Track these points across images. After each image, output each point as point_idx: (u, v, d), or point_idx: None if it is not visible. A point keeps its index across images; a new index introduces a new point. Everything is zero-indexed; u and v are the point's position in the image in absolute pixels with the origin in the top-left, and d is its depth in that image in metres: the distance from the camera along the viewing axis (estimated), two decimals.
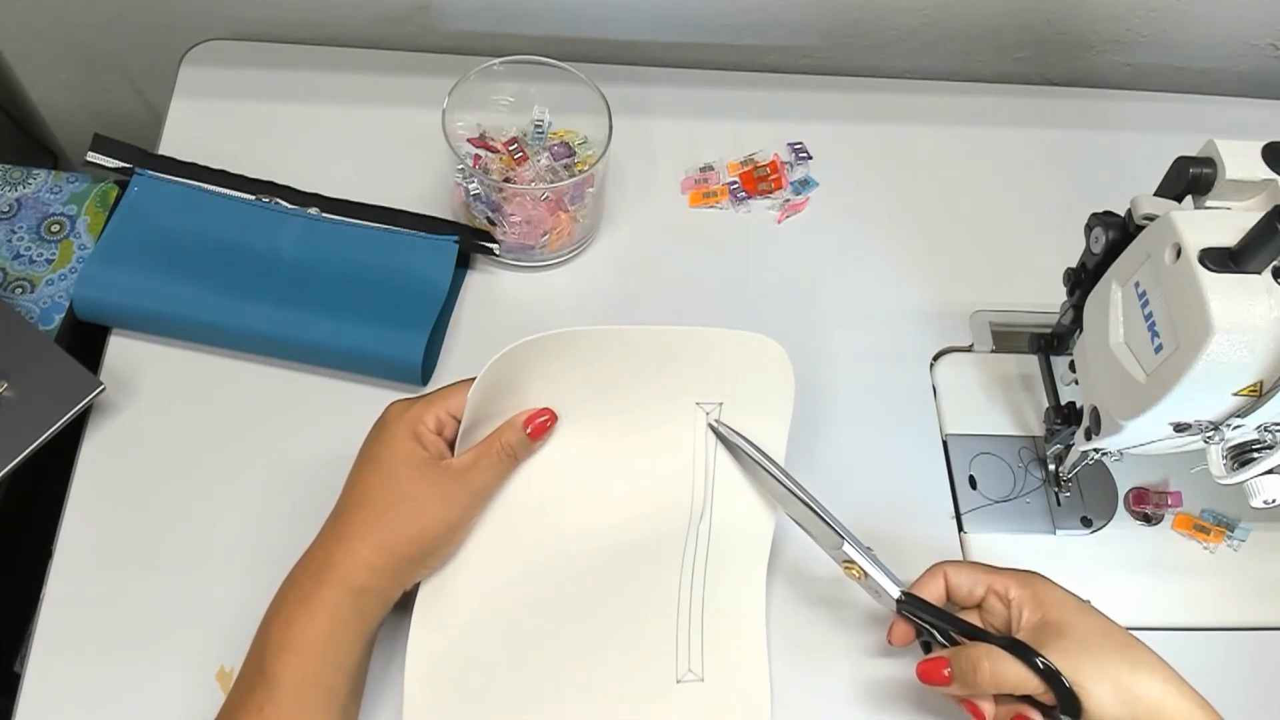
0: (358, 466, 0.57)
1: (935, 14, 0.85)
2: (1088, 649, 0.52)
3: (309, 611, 0.52)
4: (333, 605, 0.52)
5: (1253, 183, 0.55)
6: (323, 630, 0.52)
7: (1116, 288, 0.58)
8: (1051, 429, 0.67)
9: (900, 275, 0.78)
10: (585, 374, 0.59)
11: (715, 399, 0.61)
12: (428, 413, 0.56)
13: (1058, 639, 0.52)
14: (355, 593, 0.53)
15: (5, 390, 0.64)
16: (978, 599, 0.57)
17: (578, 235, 0.75)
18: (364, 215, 0.74)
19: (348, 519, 0.55)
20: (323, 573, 0.53)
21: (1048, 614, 0.54)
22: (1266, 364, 0.50)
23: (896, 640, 0.58)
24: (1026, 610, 0.54)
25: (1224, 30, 0.88)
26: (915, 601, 0.57)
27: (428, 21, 0.85)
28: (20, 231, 0.76)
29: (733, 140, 0.83)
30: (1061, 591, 0.55)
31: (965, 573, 0.57)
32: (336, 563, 0.53)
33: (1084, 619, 0.53)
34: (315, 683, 0.52)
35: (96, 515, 0.64)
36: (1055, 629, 0.53)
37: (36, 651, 0.60)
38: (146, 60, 0.92)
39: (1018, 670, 0.52)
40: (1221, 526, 0.68)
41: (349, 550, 0.54)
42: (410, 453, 0.55)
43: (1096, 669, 0.51)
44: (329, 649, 0.52)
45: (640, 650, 0.60)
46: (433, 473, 0.55)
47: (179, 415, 0.68)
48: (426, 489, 0.55)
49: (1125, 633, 0.53)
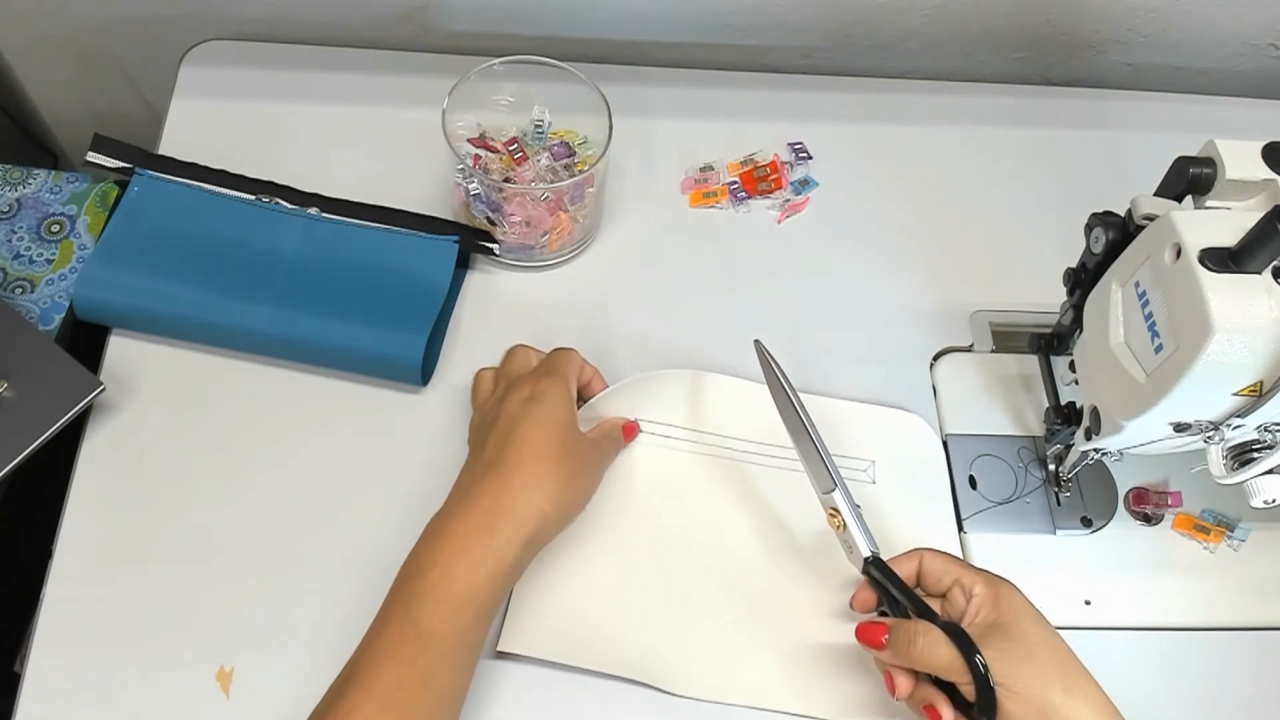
0: (521, 423, 0.58)
1: (935, 14, 0.85)
2: (1027, 659, 0.52)
3: (473, 563, 0.53)
4: (499, 555, 0.54)
5: (1253, 183, 0.55)
6: (482, 583, 0.53)
7: (1116, 288, 0.58)
8: (1051, 429, 0.67)
9: (900, 275, 0.78)
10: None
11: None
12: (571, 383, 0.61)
13: (1002, 640, 0.52)
14: (525, 542, 0.55)
15: (5, 390, 0.64)
16: (944, 588, 0.57)
17: (578, 235, 0.75)
18: (364, 215, 0.74)
19: (524, 471, 0.56)
20: (495, 521, 0.54)
21: (1002, 617, 0.54)
22: (1266, 364, 0.50)
23: (858, 605, 0.59)
24: (984, 610, 0.55)
25: (1224, 30, 0.88)
26: (880, 566, 0.58)
27: (428, 21, 0.85)
28: (20, 231, 0.76)
29: (733, 140, 0.83)
30: (1024, 601, 0.55)
31: (940, 561, 0.58)
32: (514, 510, 0.55)
33: (1037, 632, 0.53)
34: (467, 637, 0.53)
35: (96, 515, 0.64)
36: (1004, 632, 0.53)
37: (36, 651, 0.60)
38: (146, 60, 0.92)
39: (949, 654, 0.52)
40: (1221, 526, 0.68)
41: (528, 499, 0.55)
42: (573, 417, 0.60)
43: (1028, 681, 0.51)
44: (484, 602, 0.53)
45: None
46: (586, 439, 0.61)
47: (179, 415, 0.68)
48: (590, 452, 0.61)
49: (1073, 658, 0.53)
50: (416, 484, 0.65)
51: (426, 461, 0.67)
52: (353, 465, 0.67)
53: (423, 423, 0.69)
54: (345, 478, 0.66)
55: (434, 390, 0.70)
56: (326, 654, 0.59)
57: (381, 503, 0.65)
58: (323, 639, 0.61)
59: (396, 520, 0.64)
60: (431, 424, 0.69)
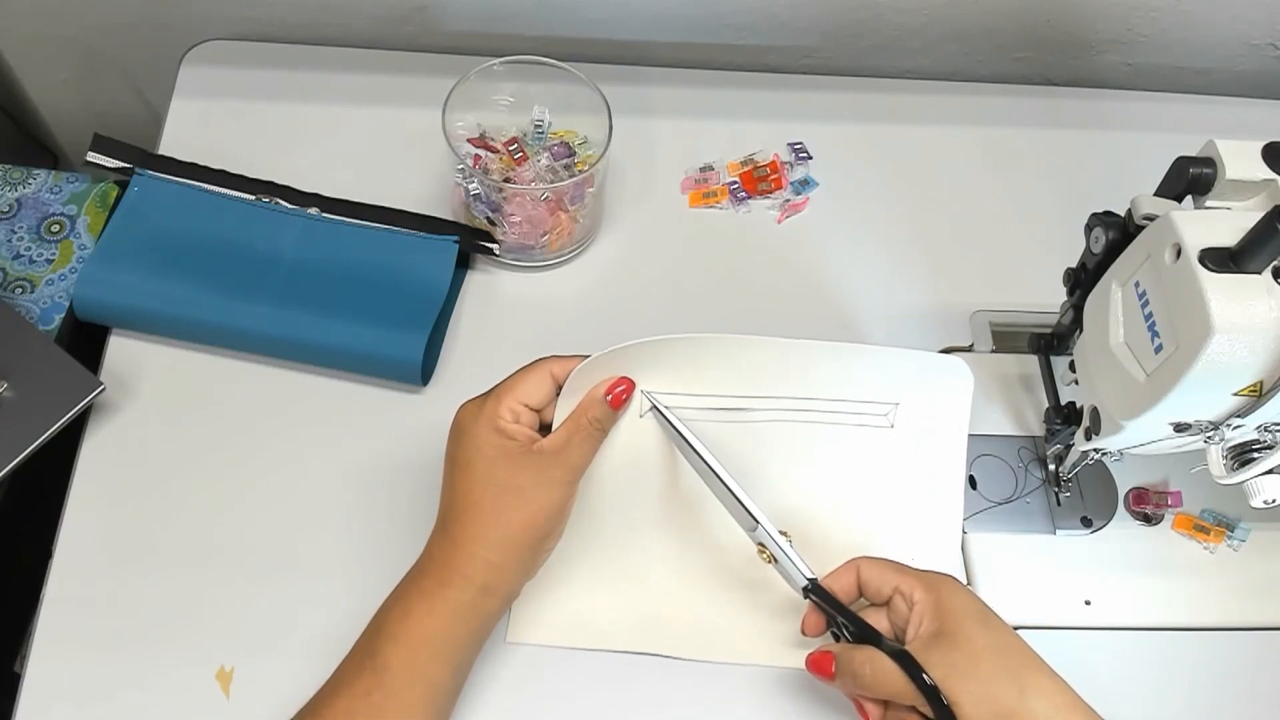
0: (451, 474, 0.57)
1: (935, 14, 0.85)
2: (975, 668, 0.50)
3: (429, 606, 0.53)
4: (454, 602, 0.53)
5: (1253, 183, 0.55)
6: (440, 625, 0.53)
7: (1116, 288, 0.58)
8: (1051, 429, 0.67)
9: (900, 275, 0.78)
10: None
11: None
12: (501, 406, 0.57)
13: (948, 651, 0.51)
14: (479, 590, 0.54)
15: (5, 390, 0.64)
16: (885, 597, 0.56)
17: (578, 235, 0.75)
18: (364, 215, 0.74)
19: (460, 524, 0.55)
20: (446, 574, 0.54)
21: (944, 624, 0.52)
22: (1266, 364, 0.50)
23: (808, 629, 0.58)
24: (926, 619, 0.53)
25: (1224, 30, 0.88)
26: (819, 591, 0.56)
27: (428, 21, 0.85)
28: (20, 231, 0.76)
29: (733, 140, 0.83)
30: (966, 600, 0.53)
31: (877, 570, 0.56)
32: (459, 565, 0.54)
33: (981, 634, 0.52)
34: (423, 675, 0.53)
35: (96, 515, 0.64)
36: (949, 641, 0.52)
37: (36, 651, 0.60)
38: (146, 60, 0.92)
39: (899, 680, 0.51)
40: (1221, 526, 0.68)
41: (470, 553, 0.54)
42: (500, 446, 0.56)
43: (980, 690, 0.50)
44: (442, 644, 0.53)
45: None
46: (529, 459, 0.56)
47: (179, 415, 0.68)
48: (528, 476, 0.55)
49: (1024, 652, 0.52)
50: (416, 484, 0.65)
51: (426, 462, 0.66)
52: (353, 465, 0.67)
53: (423, 423, 0.69)
54: (345, 478, 0.66)
55: (434, 390, 0.70)
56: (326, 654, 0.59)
57: (381, 502, 0.65)
58: (323, 639, 0.61)
59: (396, 520, 0.64)
60: (431, 424, 0.68)
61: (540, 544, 0.56)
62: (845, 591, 0.57)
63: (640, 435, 0.61)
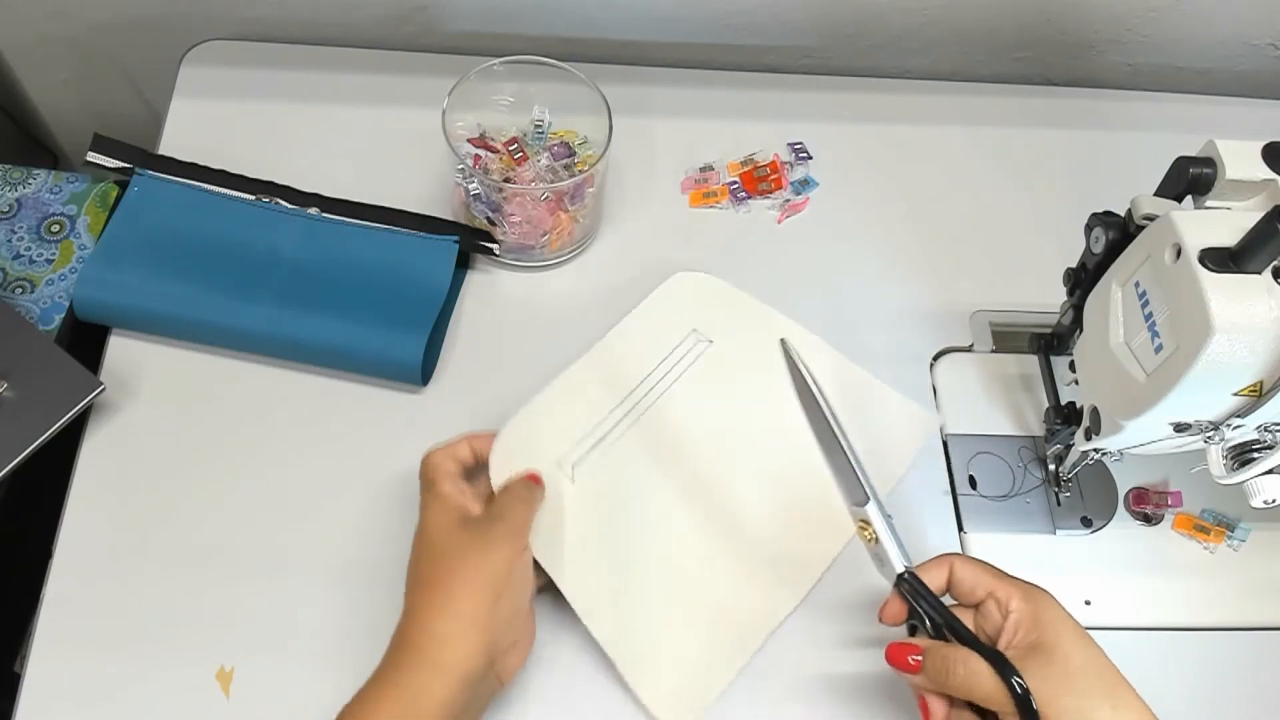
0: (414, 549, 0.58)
1: (935, 14, 0.85)
2: (1072, 683, 0.50)
3: (378, 694, 0.52)
4: (404, 686, 0.52)
5: (1253, 183, 0.55)
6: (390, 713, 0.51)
7: (1116, 288, 0.58)
8: (1051, 429, 0.67)
9: (900, 275, 0.78)
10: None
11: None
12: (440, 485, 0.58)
13: (1045, 664, 0.50)
14: (430, 668, 0.52)
15: (5, 390, 0.64)
16: (978, 599, 0.55)
17: (578, 235, 0.75)
18: (364, 215, 0.74)
19: (412, 598, 0.55)
20: (400, 654, 0.53)
21: (1043, 636, 0.52)
22: (1266, 364, 0.50)
23: (887, 618, 0.56)
24: (1023, 629, 0.52)
25: (1224, 30, 0.88)
26: (915, 582, 0.55)
27: (428, 21, 0.85)
28: (20, 231, 0.76)
29: (733, 140, 0.83)
30: (1064, 615, 0.52)
31: (971, 570, 0.55)
32: (411, 640, 0.54)
33: (1079, 651, 0.51)
34: None
35: (96, 515, 0.64)
36: (1045, 653, 0.51)
37: (36, 651, 0.60)
38: (146, 60, 0.92)
39: (992, 683, 0.50)
40: (1221, 526, 0.68)
41: (420, 627, 0.54)
42: (443, 519, 0.57)
43: (1074, 705, 0.49)
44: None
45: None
46: (468, 524, 0.57)
47: (179, 415, 0.68)
48: (466, 539, 0.56)
49: (1115, 672, 0.51)
50: (416, 484, 0.65)
51: None
52: (353, 465, 0.67)
53: (423, 423, 0.69)
54: (345, 478, 0.66)
55: (434, 390, 0.70)
56: (326, 654, 0.59)
57: (381, 503, 0.65)
58: (323, 639, 0.61)
59: (396, 520, 0.64)
60: (431, 424, 0.69)
61: (491, 610, 0.54)
62: (935, 588, 0.55)
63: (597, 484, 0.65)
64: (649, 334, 0.71)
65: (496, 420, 0.63)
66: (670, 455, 0.66)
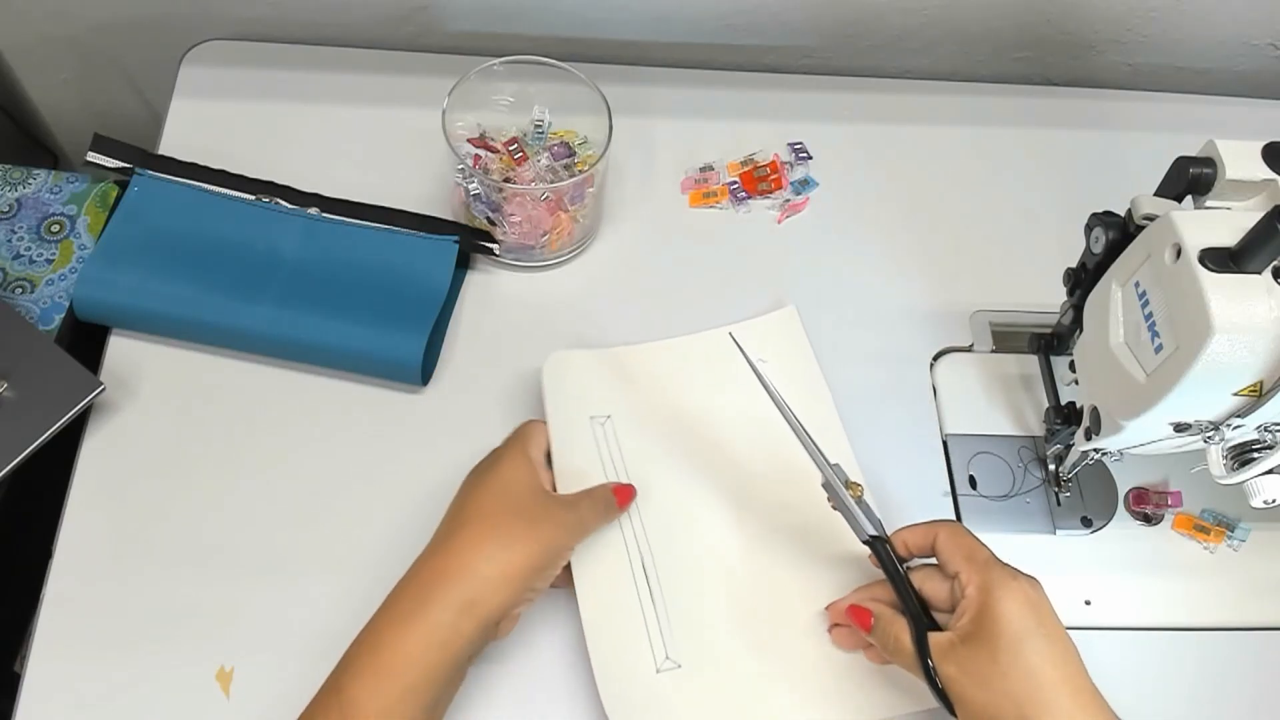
0: (469, 486, 0.58)
1: (935, 14, 0.85)
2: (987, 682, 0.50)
3: (403, 632, 0.51)
4: (431, 623, 0.52)
5: (1253, 183, 0.55)
6: (413, 653, 0.51)
7: (1116, 288, 0.58)
8: (1051, 429, 0.67)
9: (900, 275, 0.78)
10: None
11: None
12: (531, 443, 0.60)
13: (972, 655, 0.51)
14: (461, 607, 0.52)
15: (5, 390, 0.64)
16: (950, 574, 0.55)
17: (578, 235, 0.75)
18: (364, 215, 0.74)
19: (464, 531, 0.55)
20: (430, 588, 0.53)
21: (980, 629, 0.51)
22: (1266, 364, 0.50)
23: (843, 643, 0.61)
24: (967, 616, 0.53)
25: (1224, 30, 0.88)
26: (878, 547, 0.57)
27: (428, 21, 0.85)
28: (20, 231, 0.76)
29: (733, 140, 0.83)
30: (1016, 616, 0.51)
31: (950, 544, 0.56)
32: (447, 572, 0.53)
33: (1010, 656, 0.50)
34: (396, 713, 0.50)
35: (96, 515, 0.64)
36: (975, 645, 0.51)
37: (36, 651, 0.60)
38: (146, 60, 0.92)
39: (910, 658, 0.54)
40: (1221, 526, 0.68)
41: (463, 562, 0.54)
42: (528, 475, 0.58)
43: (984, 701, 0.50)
44: (416, 675, 0.51)
45: None
46: (546, 496, 0.58)
47: (179, 415, 0.68)
48: (541, 509, 0.57)
49: (1049, 691, 0.50)
50: (416, 484, 0.65)
51: (426, 461, 0.66)
52: (353, 465, 0.67)
53: (423, 423, 0.69)
54: (345, 477, 0.67)
55: (434, 390, 0.70)
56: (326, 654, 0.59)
57: (381, 503, 0.65)
58: (322, 639, 0.61)
59: (396, 520, 0.64)
60: (431, 424, 0.69)
61: (531, 580, 0.55)
62: (920, 547, 0.57)
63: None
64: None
65: (497, 420, 0.63)
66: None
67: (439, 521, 0.57)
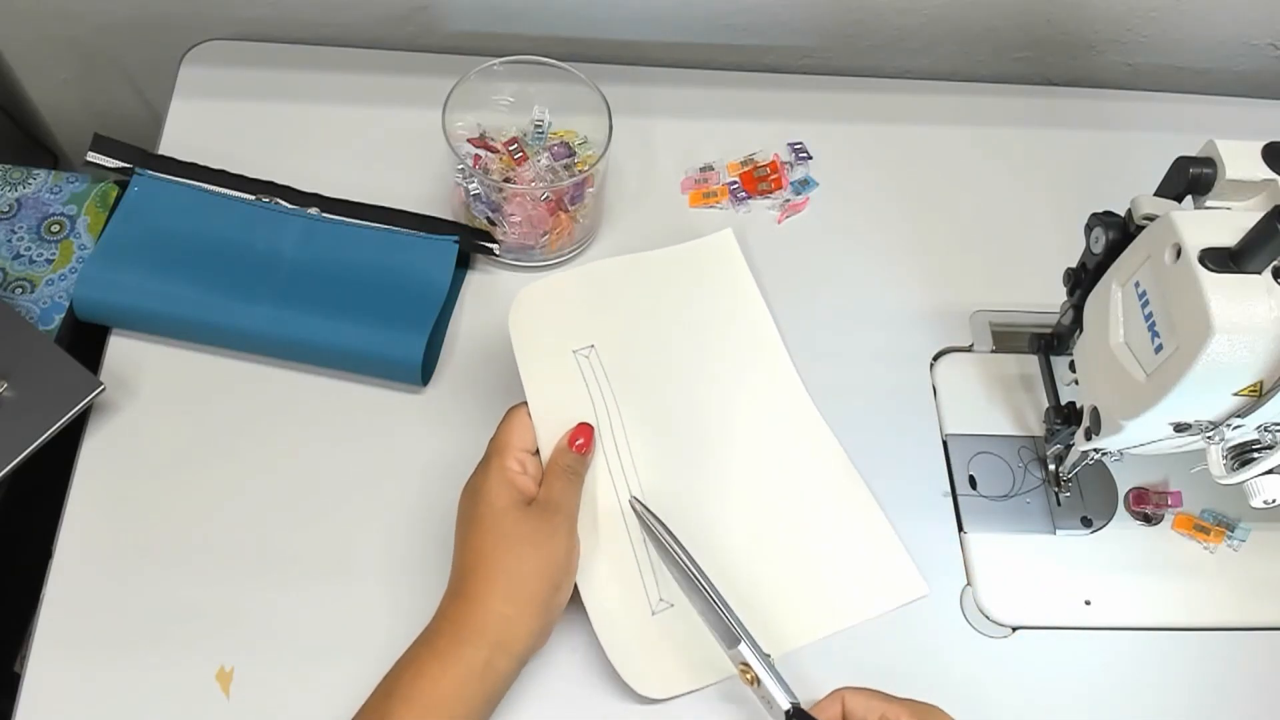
0: (463, 532, 0.58)
1: (935, 14, 0.85)
2: None
3: (442, 667, 0.53)
4: (469, 661, 0.53)
5: (1253, 183, 0.55)
6: (453, 687, 0.53)
7: (1116, 288, 0.58)
8: (1051, 429, 0.67)
9: (900, 275, 0.78)
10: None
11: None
12: (507, 459, 0.59)
13: None
14: (493, 647, 0.54)
15: (5, 390, 0.64)
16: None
17: (578, 235, 0.75)
18: (364, 215, 0.74)
19: (473, 580, 0.56)
20: (460, 630, 0.54)
21: None
22: (1266, 364, 0.50)
23: None
24: None
25: (1224, 30, 0.88)
26: (802, 717, 0.54)
27: (428, 21, 0.85)
28: (20, 231, 0.76)
29: (733, 140, 0.83)
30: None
31: (863, 699, 0.55)
32: (474, 621, 0.54)
33: None
34: None
35: (96, 515, 0.64)
36: None
37: (36, 651, 0.60)
38: (146, 60, 0.92)
39: None
40: (1221, 526, 0.68)
41: (484, 608, 0.55)
42: (508, 499, 0.58)
43: None
44: (456, 705, 0.53)
45: None
46: (532, 511, 0.58)
47: (179, 415, 0.68)
48: (532, 526, 0.57)
49: None
50: (416, 484, 0.65)
51: (427, 462, 0.67)
52: (353, 465, 0.67)
53: (423, 423, 0.69)
54: (345, 478, 0.67)
55: (434, 390, 0.70)
56: (327, 654, 0.59)
57: (381, 503, 0.65)
58: (323, 639, 0.61)
59: (396, 520, 0.64)
60: (431, 424, 0.69)
61: (551, 597, 0.57)
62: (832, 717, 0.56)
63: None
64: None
65: (497, 420, 0.63)
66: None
67: (439, 521, 0.57)
